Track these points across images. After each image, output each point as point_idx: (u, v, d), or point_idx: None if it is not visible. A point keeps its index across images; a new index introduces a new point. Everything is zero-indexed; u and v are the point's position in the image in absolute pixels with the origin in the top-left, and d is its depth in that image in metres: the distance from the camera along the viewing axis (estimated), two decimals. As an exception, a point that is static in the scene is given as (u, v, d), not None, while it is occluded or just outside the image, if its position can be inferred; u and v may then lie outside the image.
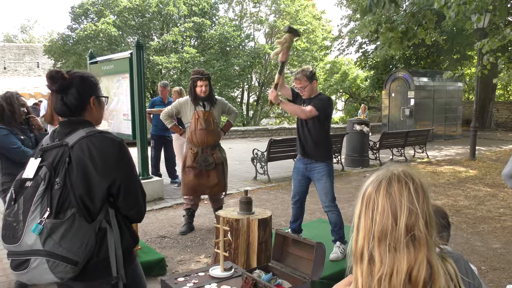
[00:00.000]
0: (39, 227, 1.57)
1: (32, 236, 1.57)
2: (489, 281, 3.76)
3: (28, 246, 1.58)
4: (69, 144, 1.69)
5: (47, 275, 1.60)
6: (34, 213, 1.59)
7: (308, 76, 3.82)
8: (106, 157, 1.70)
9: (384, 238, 1.05)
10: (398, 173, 1.10)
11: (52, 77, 1.72)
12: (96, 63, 6.66)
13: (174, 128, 5.08)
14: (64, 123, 1.80)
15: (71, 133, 1.74)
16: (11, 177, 3.56)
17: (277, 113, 28.83)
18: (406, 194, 1.06)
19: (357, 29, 16.94)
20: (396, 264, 1.04)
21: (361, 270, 1.09)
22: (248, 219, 3.34)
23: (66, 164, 1.65)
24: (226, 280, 2.65)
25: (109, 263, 1.72)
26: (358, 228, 1.11)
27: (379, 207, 1.06)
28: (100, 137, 1.73)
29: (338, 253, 3.83)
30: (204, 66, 21.92)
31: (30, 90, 12.89)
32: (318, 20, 27.13)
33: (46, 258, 1.57)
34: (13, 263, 1.64)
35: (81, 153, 1.67)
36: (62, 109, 1.77)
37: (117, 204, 1.76)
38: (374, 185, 1.10)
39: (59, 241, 1.59)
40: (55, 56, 23.31)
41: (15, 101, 3.54)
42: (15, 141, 3.46)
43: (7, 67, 30.35)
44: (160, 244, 4.73)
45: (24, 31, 46.22)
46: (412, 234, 1.04)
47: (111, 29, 20.74)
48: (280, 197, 6.88)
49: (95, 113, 1.85)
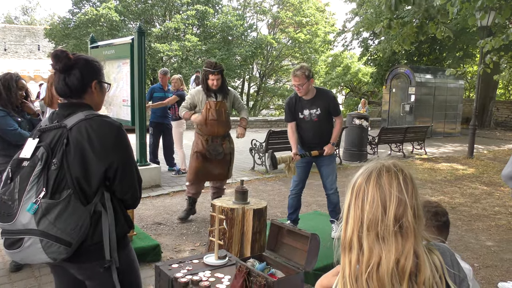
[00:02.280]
0: (34, 207, 1.57)
1: (26, 215, 1.57)
2: (481, 278, 3.79)
3: (22, 225, 1.58)
4: (67, 126, 1.69)
5: (40, 254, 1.60)
6: (29, 193, 1.59)
7: (307, 75, 3.99)
8: (104, 140, 1.70)
9: (373, 228, 1.07)
10: (388, 164, 1.12)
11: (57, 56, 1.73)
12: (97, 47, 6.63)
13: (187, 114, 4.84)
14: (63, 105, 1.80)
15: (70, 115, 1.74)
16: (8, 159, 3.54)
17: (277, 104, 28.80)
18: (395, 185, 1.08)
19: (363, 24, 16.81)
20: (384, 253, 1.06)
21: (349, 259, 1.11)
22: (243, 208, 3.35)
23: (64, 146, 1.65)
24: (220, 268, 2.66)
25: (103, 247, 1.72)
26: (347, 218, 1.13)
27: (369, 197, 1.09)
28: (99, 120, 1.73)
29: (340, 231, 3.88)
30: (206, 54, 21.82)
31: (30, 72, 12.86)
32: (322, 12, 26.97)
33: (39, 238, 1.58)
34: (7, 242, 1.65)
35: (80, 136, 1.67)
36: (63, 89, 1.77)
37: (113, 187, 1.76)
38: (364, 176, 1.12)
39: (54, 222, 1.59)
40: (56, 40, 23.17)
41: (13, 85, 3.50)
42: (12, 123, 3.45)
43: (8, 48, 30.17)
44: (155, 230, 4.74)
45: (25, 12, 45.88)
46: (400, 224, 1.06)
47: (112, 14, 20.58)
48: (277, 188, 6.89)
49: (96, 97, 1.85)
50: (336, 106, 4.26)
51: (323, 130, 4.20)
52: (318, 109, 4.13)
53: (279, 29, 26.62)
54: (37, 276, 3.55)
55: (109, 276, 1.77)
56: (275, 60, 26.56)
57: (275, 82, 28.50)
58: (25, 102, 3.64)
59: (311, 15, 25.17)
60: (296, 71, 4.01)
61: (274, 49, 25.98)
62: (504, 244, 4.65)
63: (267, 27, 28.01)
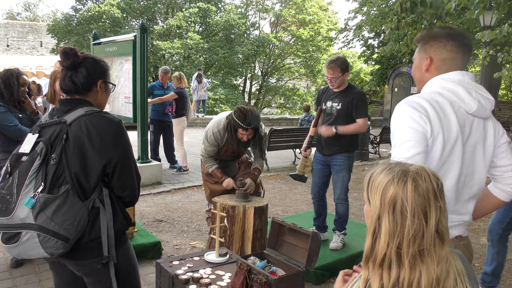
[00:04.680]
0: (32, 201, 1.58)
1: (24, 210, 1.58)
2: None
3: (20, 219, 1.59)
4: (67, 121, 1.70)
5: (37, 249, 1.60)
6: (28, 187, 1.60)
7: (343, 68, 3.63)
8: (103, 135, 1.70)
9: (416, 242, 0.99)
10: (419, 170, 1.04)
11: (65, 53, 1.75)
12: (100, 44, 6.62)
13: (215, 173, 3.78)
14: (64, 101, 1.81)
15: (70, 111, 1.75)
16: (8, 155, 3.54)
17: (279, 103, 28.78)
18: (431, 191, 1.01)
19: (367, 23, 16.79)
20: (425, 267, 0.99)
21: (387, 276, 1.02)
22: (244, 206, 3.35)
23: (63, 141, 1.66)
24: (221, 266, 2.66)
25: (101, 243, 1.72)
26: (378, 231, 1.03)
27: (409, 208, 0.99)
28: (98, 116, 1.74)
29: (338, 243, 3.82)
30: (208, 53, 21.82)
31: (33, 69, 12.84)
32: (325, 11, 26.93)
33: (37, 232, 1.58)
34: (4, 236, 1.65)
35: (79, 131, 1.68)
36: (69, 85, 1.79)
37: (111, 184, 1.76)
38: (397, 184, 1.02)
39: (51, 216, 1.59)
40: (58, 36, 23.19)
41: (14, 82, 3.49)
42: (12, 119, 3.44)
43: (10, 44, 30.19)
44: (156, 228, 4.75)
45: (27, 9, 45.87)
46: (437, 231, 1.00)
47: (114, 10, 20.58)
48: (278, 186, 6.89)
49: (100, 97, 1.87)
50: (360, 106, 3.70)
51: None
52: (340, 104, 3.73)
53: (282, 27, 26.59)
54: (38, 271, 3.56)
55: (106, 272, 1.77)
56: (277, 59, 26.53)
57: (277, 81, 28.48)
58: (26, 98, 3.63)
59: (314, 13, 25.14)
60: (331, 63, 3.61)
61: (277, 48, 25.96)
62: (505, 244, 4.64)
63: (270, 25, 27.99)
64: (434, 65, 1.70)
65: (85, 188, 1.69)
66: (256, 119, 3.41)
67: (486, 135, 1.71)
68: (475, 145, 1.68)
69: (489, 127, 1.72)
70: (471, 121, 1.65)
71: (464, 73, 1.67)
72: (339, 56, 3.70)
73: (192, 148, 9.68)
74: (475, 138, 1.67)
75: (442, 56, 1.68)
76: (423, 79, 1.75)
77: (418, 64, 1.76)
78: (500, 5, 5.56)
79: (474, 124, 1.66)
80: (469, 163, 1.67)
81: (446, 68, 1.69)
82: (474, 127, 1.66)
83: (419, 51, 1.76)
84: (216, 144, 3.64)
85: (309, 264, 2.52)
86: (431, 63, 1.70)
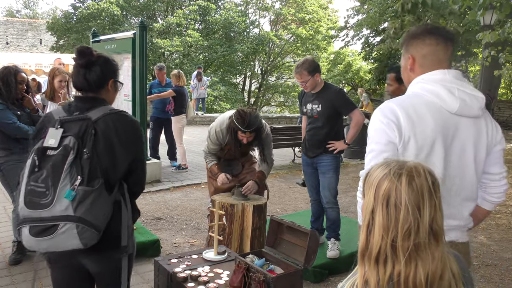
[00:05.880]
0: (72, 193, 1.64)
1: (64, 202, 1.63)
2: (480, 277, 3.79)
3: (59, 212, 1.64)
4: (92, 118, 1.78)
5: (74, 240, 1.65)
6: (65, 180, 1.65)
7: (310, 70, 3.56)
8: (129, 133, 1.84)
9: (410, 236, 0.99)
10: (415, 166, 1.04)
11: (82, 51, 1.85)
12: (99, 41, 6.61)
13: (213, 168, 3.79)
14: (82, 98, 1.89)
15: (92, 109, 1.83)
16: (6, 152, 3.55)
17: (278, 101, 28.76)
18: (426, 187, 1.01)
19: (367, 22, 16.78)
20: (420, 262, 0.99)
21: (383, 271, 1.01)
22: (243, 204, 3.35)
23: (93, 136, 1.74)
24: (219, 264, 2.66)
25: (120, 234, 1.84)
26: (372, 226, 1.03)
27: (403, 202, 1.00)
28: (122, 115, 1.87)
29: (335, 250, 3.75)
30: (208, 51, 21.78)
31: (32, 66, 12.79)
32: (325, 9, 26.89)
33: (76, 224, 1.64)
34: (34, 230, 1.66)
35: (107, 128, 1.78)
36: (83, 83, 1.87)
37: (129, 179, 1.89)
38: (391, 178, 1.02)
39: (89, 208, 1.67)
40: (58, 34, 23.16)
41: (12, 79, 3.47)
42: (10, 116, 3.43)
43: (10, 42, 30.14)
44: (155, 226, 4.74)
45: (27, 6, 45.78)
46: (431, 228, 1.00)
47: (113, 8, 20.53)
48: (277, 185, 6.89)
49: (110, 95, 1.97)
50: (345, 103, 3.67)
51: (321, 130, 3.70)
52: (320, 105, 3.66)
53: (281, 25, 26.55)
54: (36, 269, 3.55)
55: (119, 262, 1.90)
56: (277, 57, 26.50)
57: (276, 79, 28.46)
58: (26, 96, 3.61)
59: (314, 12, 25.10)
60: (297, 68, 3.58)
61: (276, 46, 25.93)
62: (504, 243, 4.65)
63: (269, 23, 27.94)
64: (417, 63, 1.69)
65: (111, 182, 1.79)
66: (255, 122, 3.36)
67: (479, 135, 1.65)
68: (464, 146, 1.63)
69: (482, 127, 1.66)
70: (456, 121, 1.61)
71: (447, 72, 1.63)
72: (306, 59, 3.64)
73: (192, 146, 9.67)
74: (463, 139, 1.63)
75: (423, 52, 1.67)
76: (410, 79, 1.74)
77: (404, 65, 1.77)
78: (502, 5, 5.54)
79: (461, 124, 1.61)
80: (457, 164, 1.63)
81: (429, 64, 1.67)
82: (462, 127, 1.62)
83: (403, 54, 1.77)
84: (218, 143, 3.64)
85: (308, 263, 2.52)
86: (414, 62, 1.70)
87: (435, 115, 1.58)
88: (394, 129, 1.55)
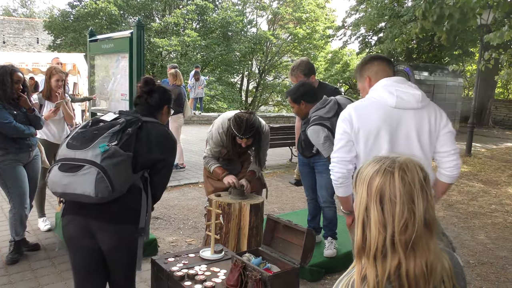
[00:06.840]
0: (106, 147, 1.96)
1: (96, 151, 1.95)
2: (476, 275, 3.81)
3: (90, 156, 1.95)
4: (142, 119, 2.18)
5: (89, 185, 1.91)
6: (105, 138, 2.00)
7: (305, 73, 3.57)
8: (168, 140, 2.23)
9: (407, 230, 1.00)
10: (406, 161, 1.06)
11: (147, 82, 2.34)
12: (96, 41, 6.59)
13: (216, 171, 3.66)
14: (144, 108, 2.32)
15: (147, 116, 2.24)
16: (3, 152, 3.54)
17: (276, 101, 28.75)
18: (417, 181, 1.03)
19: (365, 22, 16.81)
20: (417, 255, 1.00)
21: (374, 265, 1.02)
22: (240, 203, 3.35)
23: (137, 126, 2.12)
24: (216, 262, 2.67)
25: (139, 214, 2.10)
26: (367, 222, 1.04)
27: (397, 197, 1.01)
28: (168, 130, 2.31)
29: (333, 249, 3.74)
30: (205, 50, 21.75)
31: (29, 65, 12.74)
32: (322, 9, 26.88)
33: (98, 170, 1.92)
34: (64, 167, 1.99)
35: (152, 128, 2.19)
36: (145, 105, 2.32)
37: (154, 179, 2.19)
38: (383, 174, 1.04)
39: (113, 165, 1.95)
40: (55, 33, 23.08)
41: (8, 79, 3.45)
42: (6, 116, 3.42)
43: (6, 41, 30.02)
44: (152, 225, 4.74)
45: (24, 5, 45.62)
46: (425, 222, 1.01)
47: (111, 7, 20.49)
48: (274, 184, 6.90)
49: (163, 117, 2.41)
50: None
51: None
52: None
53: (279, 25, 26.53)
54: (34, 268, 3.55)
55: (135, 241, 2.12)
56: (275, 56, 26.49)
57: (274, 78, 28.45)
58: (22, 95, 3.59)
59: (311, 11, 25.09)
60: (293, 70, 3.61)
61: (274, 45, 25.92)
62: (500, 241, 4.68)
63: (267, 23, 27.91)
64: (373, 80, 2.27)
65: (138, 164, 2.09)
66: (252, 128, 3.31)
67: (421, 122, 2.16)
68: (408, 130, 2.15)
69: (424, 116, 2.17)
70: (399, 113, 2.14)
71: (389, 79, 2.22)
72: (302, 60, 3.62)
73: (189, 145, 9.67)
74: (407, 126, 2.15)
75: (375, 70, 2.29)
76: None
77: (362, 87, 2.36)
78: (499, 4, 5.54)
79: (405, 116, 2.15)
80: (404, 145, 2.13)
81: (381, 78, 2.24)
82: (405, 117, 2.15)
83: (359, 79, 2.37)
84: (222, 144, 3.59)
85: (304, 261, 2.54)
86: (370, 80, 2.29)
87: (379, 110, 2.14)
88: (347, 125, 2.18)
